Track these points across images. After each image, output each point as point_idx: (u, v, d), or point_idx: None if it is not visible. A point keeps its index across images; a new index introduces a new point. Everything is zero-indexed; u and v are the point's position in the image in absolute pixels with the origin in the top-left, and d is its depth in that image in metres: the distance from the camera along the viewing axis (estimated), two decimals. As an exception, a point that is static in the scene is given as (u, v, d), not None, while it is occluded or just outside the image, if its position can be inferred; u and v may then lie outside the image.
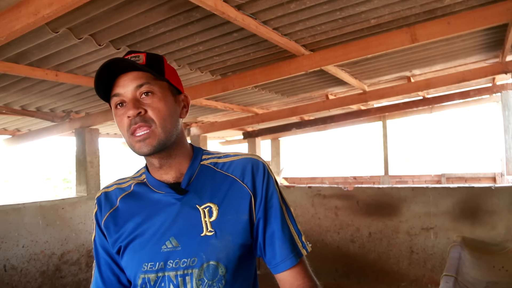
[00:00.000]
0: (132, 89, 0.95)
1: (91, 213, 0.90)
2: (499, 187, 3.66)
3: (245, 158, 1.05)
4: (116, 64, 0.94)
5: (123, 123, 0.96)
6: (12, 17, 1.88)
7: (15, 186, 17.66)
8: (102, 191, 1.10)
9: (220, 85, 3.63)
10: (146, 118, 0.94)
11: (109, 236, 1.04)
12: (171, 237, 0.97)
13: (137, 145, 0.95)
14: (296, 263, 0.98)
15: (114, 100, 0.97)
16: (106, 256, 1.06)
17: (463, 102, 7.26)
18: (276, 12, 2.38)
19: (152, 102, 0.95)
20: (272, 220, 1.00)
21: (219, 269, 0.95)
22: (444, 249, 3.73)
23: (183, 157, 1.04)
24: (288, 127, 7.07)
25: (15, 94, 3.70)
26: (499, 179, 7.10)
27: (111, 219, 1.05)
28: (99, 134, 4.80)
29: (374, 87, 5.00)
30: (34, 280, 3.60)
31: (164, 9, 2.23)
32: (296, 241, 1.01)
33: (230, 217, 0.98)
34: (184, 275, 0.95)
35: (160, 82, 0.98)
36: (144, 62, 0.97)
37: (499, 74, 4.23)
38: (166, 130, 0.96)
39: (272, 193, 1.02)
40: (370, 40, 2.84)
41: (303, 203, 4.58)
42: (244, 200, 1.00)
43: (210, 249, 0.95)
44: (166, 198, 1.01)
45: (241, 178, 1.01)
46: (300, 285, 0.97)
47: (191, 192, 1.01)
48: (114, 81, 0.98)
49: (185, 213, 0.99)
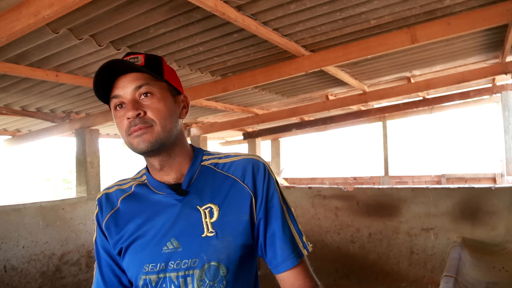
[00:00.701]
0: (131, 91, 0.95)
1: (91, 214, 0.89)
2: (499, 187, 3.66)
3: (245, 158, 1.05)
4: (115, 65, 0.94)
5: (123, 124, 0.96)
6: (12, 18, 1.89)
7: (15, 186, 17.66)
8: (103, 192, 1.10)
9: (220, 86, 3.63)
10: (146, 119, 0.94)
11: (110, 237, 1.04)
12: (172, 238, 0.97)
13: (135, 141, 0.95)
14: (297, 263, 0.98)
15: (114, 101, 0.97)
16: (107, 257, 1.06)
17: (463, 103, 7.25)
18: (276, 12, 2.38)
19: (151, 103, 0.95)
20: (273, 220, 1.00)
21: (220, 269, 0.95)
22: (444, 249, 3.73)
23: (183, 158, 1.03)
24: (288, 127, 7.07)
25: (16, 94, 3.71)
26: (499, 180, 7.09)
27: (112, 220, 1.04)
28: (99, 134, 4.80)
29: (374, 88, 5.00)
30: (34, 280, 3.60)
31: (164, 9, 2.23)
32: (297, 241, 1.01)
33: (231, 218, 0.98)
34: (186, 276, 0.95)
35: (159, 82, 0.98)
36: (143, 63, 0.97)
37: (499, 74, 4.23)
38: (166, 129, 0.96)
39: (273, 193, 1.02)
40: (370, 40, 2.84)
41: (303, 204, 4.58)
42: (245, 200, 1.00)
43: (211, 250, 0.95)
44: (167, 199, 1.01)
45: (242, 179, 1.01)
46: (301, 285, 0.97)
47: (192, 193, 1.00)
48: (113, 83, 0.97)
49: (186, 214, 0.98)
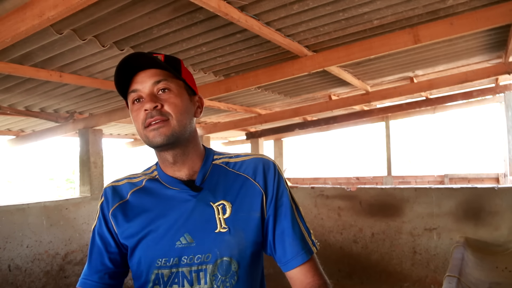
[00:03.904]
0: (149, 85, 0.97)
1: (95, 213, 0.91)
2: (502, 187, 3.65)
3: (256, 157, 1.08)
4: (136, 59, 0.96)
5: (139, 117, 0.97)
6: (17, 19, 1.90)
7: (19, 186, 17.72)
8: (110, 184, 1.11)
9: (223, 86, 3.64)
10: (162, 112, 0.96)
11: (117, 225, 1.04)
12: (186, 233, 0.98)
13: (151, 134, 0.96)
14: (306, 260, 0.99)
15: (132, 96, 0.99)
16: (101, 246, 1.05)
17: (466, 103, 7.24)
18: (279, 13, 2.39)
19: (169, 98, 0.97)
20: (282, 218, 1.02)
21: (232, 265, 0.97)
22: (447, 249, 3.72)
23: (196, 155, 1.06)
24: (291, 127, 7.07)
25: (20, 95, 3.73)
26: (502, 180, 7.08)
27: (120, 210, 1.05)
28: (103, 134, 4.81)
29: (377, 88, 4.99)
30: (38, 280, 3.61)
31: (167, 10, 2.24)
32: (307, 238, 1.02)
33: (243, 215, 1.00)
34: (198, 271, 0.96)
35: (176, 80, 1.00)
36: (162, 61, 0.99)
37: (502, 74, 4.22)
38: (181, 124, 0.98)
39: (283, 191, 1.04)
40: (373, 41, 2.84)
41: (306, 204, 4.58)
42: (256, 198, 1.02)
43: (224, 245, 0.97)
44: (181, 195, 1.02)
45: (253, 177, 1.03)
46: (309, 282, 0.97)
47: (205, 190, 1.02)
48: (132, 78, 0.99)
49: (200, 210, 1.00)
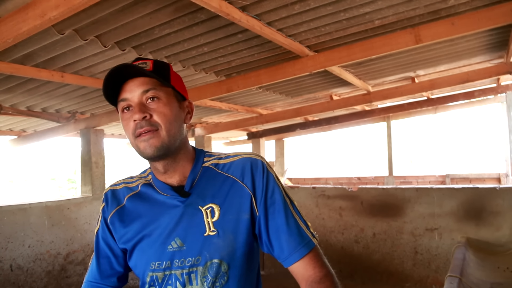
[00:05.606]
0: (138, 94, 0.98)
1: (96, 213, 0.92)
2: (503, 187, 3.65)
3: (244, 158, 1.07)
4: (124, 69, 0.97)
5: (129, 126, 0.99)
6: (19, 19, 1.91)
7: (21, 186, 17.74)
8: (109, 188, 1.14)
9: (224, 86, 3.64)
10: (151, 122, 0.97)
11: (114, 231, 1.09)
12: (176, 238, 1.01)
13: (142, 145, 0.98)
14: (305, 254, 0.99)
15: (121, 104, 1.01)
16: (107, 249, 1.10)
17: (468, 103, 7.23)
18: (280, 13, 2.39)
19: (157, 107, 0.98)
20: (276, 215, 1.02)
21: (222, 266, 0.99)
22: (448, 250, 3.72)
23: (186, 160, 1.07)
24: (293, 127, 7.07)
25: (21, 95, 3.74)
26: (504, 180, 7.07)
27: (117, 216, 1.09)
28: (104, 134, 4.82)
29: (378, 88, 4.99)
30: (40, 279, 3.62)
31: (169, 10, 2.25)
32: (305, 231, 1.02)
33: (231, 217, 1.01)
34: (190, 273, 0.99)
35: (165, 88, 1.01)
36: (151, 68, 1.00)
37: (503, 74, 4.21)
38: (171, 134, 0.99)
39: (273, 189, 1.04)
40: (374, 41, 2.84)
41: (307, 204, 4.58)
42: (245, 200, 1.02)
43: (213, 248, 0.99)
44: (170, 201, 1.04)
45: (241, 179, 1.04)
46: (310, 275, 0.97)
47: (194, 194, 1.04)
48: (121, 86, 1.01)
49: (189, 215, 1.02)
